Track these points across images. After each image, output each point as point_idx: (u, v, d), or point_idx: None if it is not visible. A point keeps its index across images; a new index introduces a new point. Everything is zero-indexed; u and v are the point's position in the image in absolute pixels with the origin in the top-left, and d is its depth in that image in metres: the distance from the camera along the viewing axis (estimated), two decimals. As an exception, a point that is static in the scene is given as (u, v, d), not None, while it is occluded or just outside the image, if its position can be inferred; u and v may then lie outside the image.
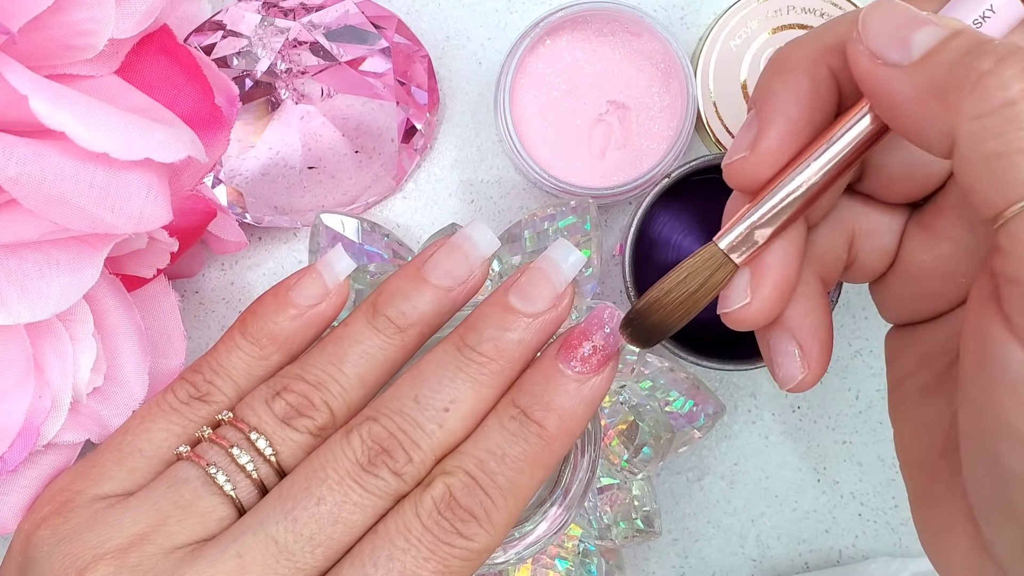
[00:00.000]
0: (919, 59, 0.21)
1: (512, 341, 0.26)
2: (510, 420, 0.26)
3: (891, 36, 0.21)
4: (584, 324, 0.27)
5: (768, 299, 0.25)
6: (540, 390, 0.26)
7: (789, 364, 0.26)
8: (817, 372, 0.26)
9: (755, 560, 0.42)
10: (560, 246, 0.27)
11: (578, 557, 0.37)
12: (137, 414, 0.29)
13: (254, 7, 0.39)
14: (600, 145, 0.40)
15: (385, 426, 0.26)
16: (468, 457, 0.26)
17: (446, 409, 0.26)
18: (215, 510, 0.26)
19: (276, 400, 0.27)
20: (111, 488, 0.27)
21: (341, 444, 0.26)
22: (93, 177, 0.28)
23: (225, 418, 0.27)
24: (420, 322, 0.28)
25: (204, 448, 0.27)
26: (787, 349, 0.26)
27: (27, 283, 0.30)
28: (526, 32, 0.39)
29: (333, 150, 0.40)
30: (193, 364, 0.29)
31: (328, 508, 0.25)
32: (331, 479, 0.25)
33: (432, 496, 0.25)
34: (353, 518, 0.25)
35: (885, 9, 0.22)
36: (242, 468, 0.26)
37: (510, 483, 0.25)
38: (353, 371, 0.27)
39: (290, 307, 0.29)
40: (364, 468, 0.25)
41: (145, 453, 0.27)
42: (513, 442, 0.26)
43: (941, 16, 0.22)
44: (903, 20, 0.22)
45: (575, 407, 0.26)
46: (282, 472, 0.27)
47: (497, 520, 0.25)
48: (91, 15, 0.30)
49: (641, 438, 0.36)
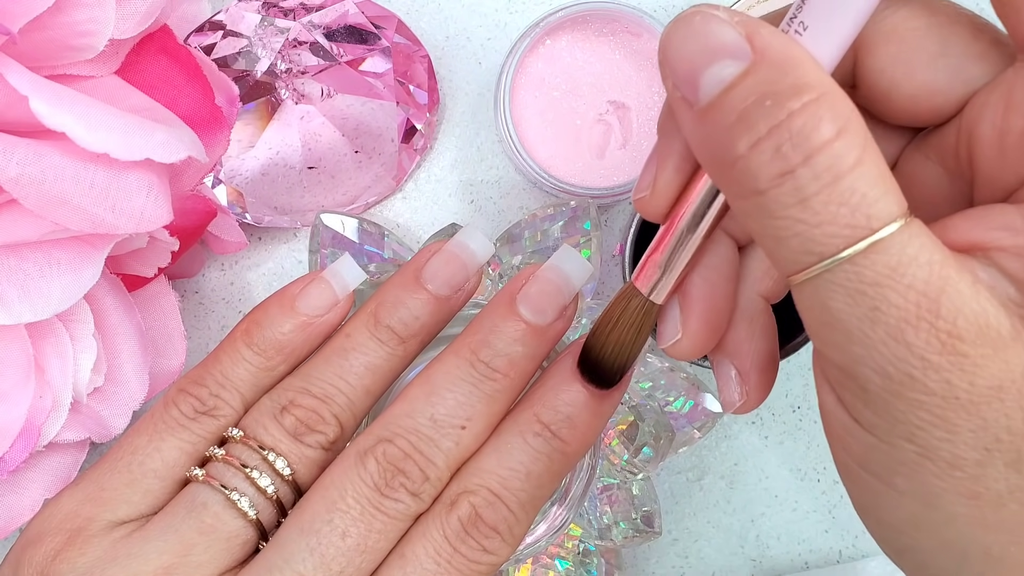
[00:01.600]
0: (705, 107, 0.19)
1: (524, 356, 0.26)
2: (535, 437, 0.26)
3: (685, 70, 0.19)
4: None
5: (698, 333, 0.24)
6: (563, 406, 0.26)
7: (728, 389, 0.26)
8: (755, 398, 0.26)
9: (755, 560, 0.42)
10: (566, 253, 0.27)
11: (578, 557, 0.37)
12: (141, 431, 0.27)
13: (254, 7, 0.39)
14: (600, 145, 0.40)
15: (401, 447, 0.25)
16: (490, 475, 0.25)
17: (463, 427, 0.26)
18: (239, 534, 0.25)
19: (285, 415, 0.26)
20: (126, 512, 0.26)
21: (357, 468, 0.25)
22: (94, 177, 0.28)
23: (235, 435, 0.27)
24: (421, 331, 0.28)
25: (219, 469, 0.26)
26: (727, 373, 0.26)
27: (28, 283, 0.30)
28: (526, 32, 0.39)
29: (333, 150, 0.40)
30: (193, 375, 0.28)
31: (354, 541, 0.25)
32: (353, 510, 0.25)
33: (459, 516, 0.25)
34: (378, 546, 0.25)
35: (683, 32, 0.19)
36: (263, 491, 0.26)
37: (531, 498, 0.26)
38: (359, 383, 0.27)
39: (297, 316, 0.28)
40: (383, 492, 0.25)
41: (159, 473, 0.26)
42: (537, 460, 0.26)
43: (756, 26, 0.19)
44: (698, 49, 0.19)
45: (595, 423, 0.26)
46: (297, 487, 0.26)
47: (517, 533, 0.26)
48: (91, 15, 0.30)
49: (641, 438, 0.36)
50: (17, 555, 0.26)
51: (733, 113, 0.19)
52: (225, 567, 0.25)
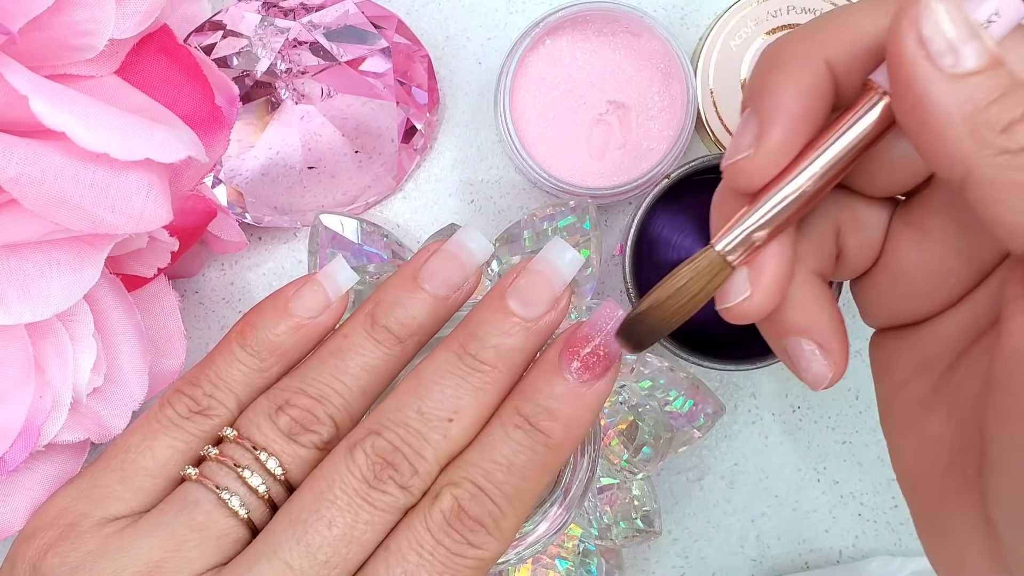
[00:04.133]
0: (963, 73, 0.21)
1: (513, 348, 0.26)
2: (515, 429, 0.26)
3: (945, 35, 0.21)
4: (586, 327, 0.26)
5: (769, 290, 0.25)
6: (543, 398, 0.26)
7: (815, 365, 0.26)
8: (842, 365, 0.26)
9: (755, 560, 0.42)
10: (556, 245, 0.27)
11: (578, 557, 0.37)
12: (136, 430, 0.28)
13: (254, 7, 0.39)
14: (600, 145, 0.40)
15: (389, 440, 0.25)
16: (474, 468, 0.25)
17: (450, 420, 0.26)
18: (230, 532, 0.26)
19: (280, 415, 0.27)
20: (118, 509, 0.26)
21: (346, 461, 0.25)
22: (93, 177, 0.28)
23: (229, 435, 0.27)
24: (419, 332, 0.28)
25: (212, 469, 0.26)
26: (807, 351, 0.26)
27: (28, 283, 0.30)
28: (526, 32, 0.39)
29: (333, 150, 0.40)
30: (189, 375, 0.28)
31: (340, 531, 0.25)
32: (340, 500, 0.25)
33: (441, 509, 0.25)
34: (365, 537, 0.25)
35: (949, 4, 0.21)
36: (254, 490, 0.26)
37: (517, 491, 0.25)
38: (355, 383, 0.27)
39: (290, 318, 0.28)
40: (371, 485, 0.25)
41: (151, 471, 0.27)
42: (519, 452, 0.26)
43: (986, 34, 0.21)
44: (962, 24, 0.21)
45: (580, 414, 0.26)
46: (290, 487, 0.26)
47: (505, 527, 0.25)
48: (91, 15, 0.30)
49: (641, 438, 0.36)
50: (13, 551, 0.27)
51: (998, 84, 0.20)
52: (215, 563, 0.25)
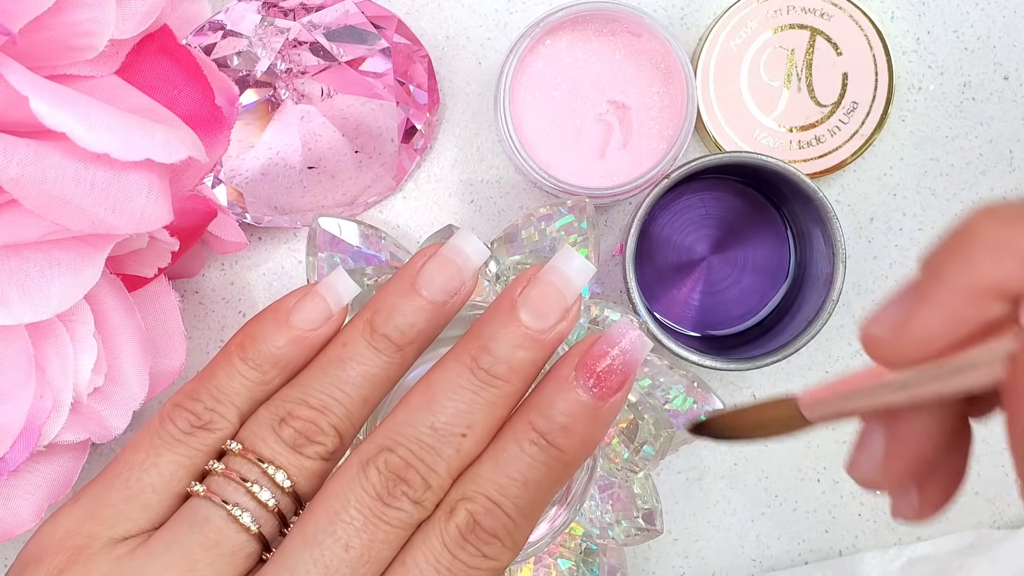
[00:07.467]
0: None
1: (525, 360, 0.26)
2: (530, 445, 0.26)
3: None
4: (601, 343, 0.26)
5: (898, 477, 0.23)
6: (558, 414, 0.26)
7: (902, 504, 0.25)
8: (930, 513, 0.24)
9: (755, 560, 0.42)
10: (565, 253, 0.27)
11: (580, 556, 0.37)
12: (138, 447, 0.27)
13: (254, 7, 0.39)
14: (600, 145, 0.40)
15: (402, 456, 0.25)
16: (488, 482, 0.26)
17: (463, 435, 0.26)
18: (243, 548, 0.26)
19: (283, 427, 0.26)
20: (127, 528, 0.26)
21: (359, 479, 0.25)
22: (94, 178, 0.28)
23: (234, 448, 0.27)
24: (418, 338, 0.28)
25: (219, 484, 0.26)
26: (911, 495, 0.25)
27: (28, 283, 0.30)
28: (526, 32, 0.39)
29: (333, 150, 0.40)
30: (189, 389, 0.28)
31: (358, 552, 0.25)
32: (356, 521, 0.25)
33: (457, 524, 0.25)
34: (382, 555, 0.25)
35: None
36: (264, 504, 0.26)
37: (531, 504, 0.26)
38: (356, 392, 0.27)
39: (291, 331, 0.28)
40: (385, 502, 0.25)
41: (157, 488, 0.26)
42: (534, 467, 0.26)
43: None
44: None
45: (594, 430, 0.26)
46: (297, 498, 0.26)
47: (518, 537, 0.26)
48: (91, 15, 0.30)
49: (642, 436, 0.36)
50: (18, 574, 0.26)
51: None
52: None
